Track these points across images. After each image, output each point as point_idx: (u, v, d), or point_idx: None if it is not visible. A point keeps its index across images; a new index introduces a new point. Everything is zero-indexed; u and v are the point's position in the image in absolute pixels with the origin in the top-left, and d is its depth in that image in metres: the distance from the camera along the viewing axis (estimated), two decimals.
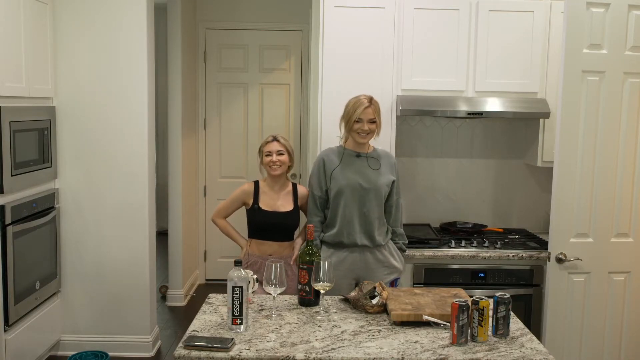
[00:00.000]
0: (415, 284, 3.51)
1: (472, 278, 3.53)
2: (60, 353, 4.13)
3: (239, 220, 3.42)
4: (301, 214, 3.36)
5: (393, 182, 3.17)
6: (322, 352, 2.17)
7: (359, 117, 3.05)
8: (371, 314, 2.56)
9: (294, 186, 3.36)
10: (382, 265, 3.15)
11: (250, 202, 3.31)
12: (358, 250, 3.13)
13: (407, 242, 3.32)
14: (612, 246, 3.18)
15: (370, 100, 3.08)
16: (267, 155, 3.29)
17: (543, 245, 3.60)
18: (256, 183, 3.36)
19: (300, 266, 2.64)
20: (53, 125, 3.93)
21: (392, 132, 3.64)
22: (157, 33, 4.37)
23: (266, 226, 3.27)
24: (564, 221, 3.12)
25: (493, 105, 3.59)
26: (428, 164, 4.07)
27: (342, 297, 2.77)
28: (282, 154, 3.29)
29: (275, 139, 3.33)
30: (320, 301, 2.58)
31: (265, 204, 3.29)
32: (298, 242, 3.34)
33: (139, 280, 4.15)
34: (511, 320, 2.38)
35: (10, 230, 3.40)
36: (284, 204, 3.29)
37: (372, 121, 3.07)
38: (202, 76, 5.72)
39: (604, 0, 3.03)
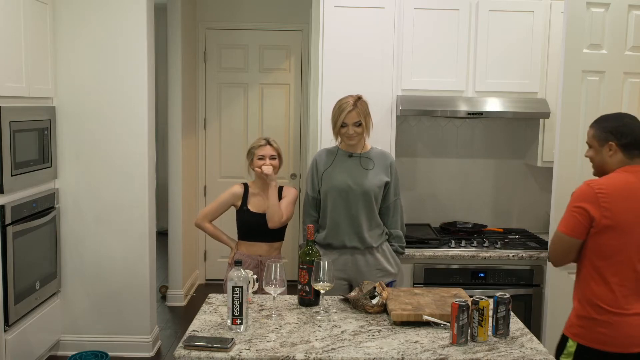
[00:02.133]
0: (415, 284, 3.51)
1: (472, 278, 3.53)
2: (60, 353, 4.13)
3: (225, 221, 3.43)
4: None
5: (386, 183, 3.11)
6: (322, 352, 2.17)
7: (344, 122, 3.00)
8: (371, 314, 2.55)
9: (280, 188, 3.35)
10: (374, 268, 3.10)
11: (239, 204, 3.31)
12: (348, 252, 3.10)
13: (404, 244, 3.23)
14: None
15: (356, 102, 2.99)
16: (259, 159, 3.29)
17: (543, 245, 3.60)
18: (245, 185, 3.35)
19: (300, 266, 2.63)
20: (53, 125, 3.93)
21: (392, 132, 3.64)
22: (157, 33, 4.37)
23: (255, 227, 3.28)
24: None
25: (493, 105, 3.59)
26: (428, 164, 4.07)
27: (342, 297, 2.76)
28: (274, 159, 3.30)
29: (268, 142, 3.32)
30: (320, 301, 2.58)
31: (254, 205, 3.30)
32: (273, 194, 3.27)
33: (139, 280, 4.14)
34: (511, 320, 2.38)
35: (10, 230, 3.40)
36: None
37: (358, 124, 3.01)
38: (202, 76, 5.71)
39: (604, 0, 3.03)
